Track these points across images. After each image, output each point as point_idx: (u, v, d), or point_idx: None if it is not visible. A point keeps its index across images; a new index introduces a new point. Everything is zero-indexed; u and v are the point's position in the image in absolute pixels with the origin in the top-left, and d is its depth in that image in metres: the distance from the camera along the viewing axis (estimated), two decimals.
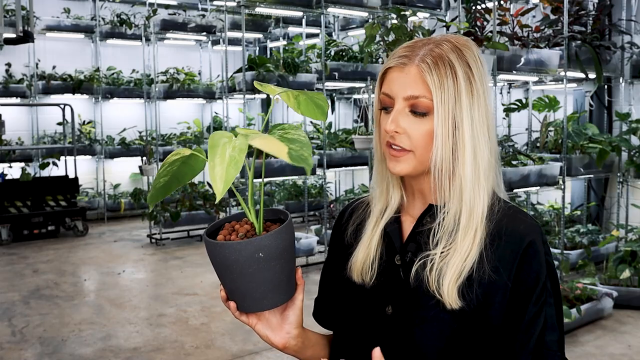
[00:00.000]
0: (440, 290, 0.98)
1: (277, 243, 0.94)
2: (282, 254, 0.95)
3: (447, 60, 0.99)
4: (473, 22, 4.62)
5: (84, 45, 9.58)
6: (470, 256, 0.99)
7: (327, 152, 6.60)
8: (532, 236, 1.00)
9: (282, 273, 0.97)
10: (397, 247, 1.07)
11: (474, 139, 1.00)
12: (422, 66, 0.99)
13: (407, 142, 1.01)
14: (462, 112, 0.99)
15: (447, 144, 0.99)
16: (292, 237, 0.97)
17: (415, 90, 1.00)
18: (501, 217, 1.02)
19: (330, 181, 8.89)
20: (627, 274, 4.79)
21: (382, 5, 5.78)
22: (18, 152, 8.59)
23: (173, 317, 4.82)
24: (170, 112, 9.71)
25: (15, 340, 4.35)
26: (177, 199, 7.90)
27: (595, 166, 5.29)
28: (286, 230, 0.95)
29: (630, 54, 5.63)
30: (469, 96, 1.00)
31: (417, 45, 1.03)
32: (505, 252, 1.00)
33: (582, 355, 3.97)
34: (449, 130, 0.99)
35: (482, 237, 1.00)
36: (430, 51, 1.00)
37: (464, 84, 0.99)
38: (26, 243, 7.59)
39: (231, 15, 7.64)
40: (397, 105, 1.01)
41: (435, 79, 0.98)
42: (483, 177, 1.02)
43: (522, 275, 0.99)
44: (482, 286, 0.98)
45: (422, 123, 1.00)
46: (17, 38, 5.93)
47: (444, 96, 0.98)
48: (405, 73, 1.01)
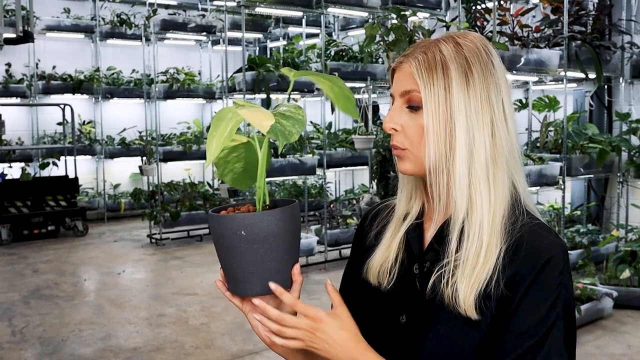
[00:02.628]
0: (456, 301, 0.94)
1: (262, 225, 0.92)
2: (266, 238, 0.93)
3: (438, 54, 0.97)
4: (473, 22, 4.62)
5: (84, 45, 9.58)
6: (485, 268, 0.94)
7: (327, 152, 6.60)
8: (552, 252, 0.94)
9: (267, 260, 0.94)
10: (416, 255, 1.04)
11: (468, 133, 0.95)
12: (412, 62, 0.99)
13: (402, 139, 1.00)
14: (453, 105, 0.96)
15: (440, 138, 0.96)
16: (284, 225, 0.95)
17: (407, 85, 0.99)
18: (523, 232, 0.95)
19: (330, 181, 8.89)
20: (627, 274, 4.79)
21: (382, 5, 5.79)
22: (18, 152, 8.59)
23: (173, 317, 4.82)
24: (170, 112, 9.71)
25: (15, 340, 4.35)
26: (177, 199, 7.90)
27: (595, 166, 5.29)
28: (274, 215, 0.94)
29: (630, 54, 5.63)
30: (463, 89, 0.96)
31: (419, 44, 1.02)
32: (522, 268, 0.94)
33: (582, 355, 3.97)
34: (439, 124, 0.96)
35: (500, 250, 0.95)
36: (426, 47, 0.99)
37: (457, 76, 0.96)
38: (26, 243, 7.59)
39: (231, 15, 7.64)
40: (395, 103, 1.01)
41: (423, 71, 0.97)
42: (483, 177, 0.96)
43: (534, 287, 0.93)
44: (497, 301, 0.94)
45: (416, 118, 0.98)
46: (17, 38, 5.93)
47: (433, 88, 0.96)
48: (402, 71, 1.01)
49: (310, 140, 7.14)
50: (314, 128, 7.69)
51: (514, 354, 0.92)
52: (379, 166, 4.86)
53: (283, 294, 0.96)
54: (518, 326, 0.92)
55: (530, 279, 0.93)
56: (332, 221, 6.72)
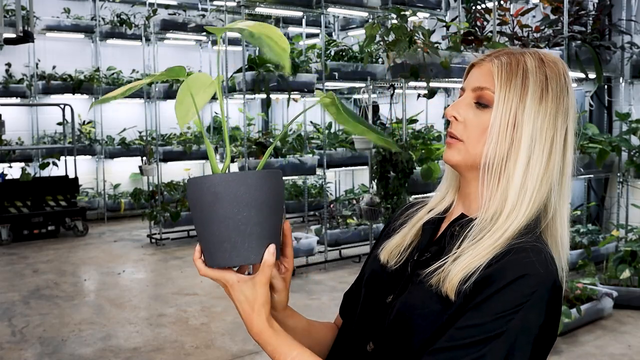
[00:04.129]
0: (442, 282, 0.95)
1: (231, 187, 0.89)
2: (235, 200, 0.89)
3: (522, 63, 1.00)
4: (473, 22, 4.62)
5: (84, 45, 9.58)
6: (483, 256, 0.94)
7: (327, 152, 6.60)
8: (534, 272, 0.90)
9: (240, 225, 0.90)
10: (422, 245, 1.07)
11: (531, 145, 0.98)
12: (495, 62, 1.01)
13: (461, 130, 1.02)
14: (524, 114, 0.98)
15: (503, 140, 0.98)
16: (257, 191, 0.91)
17: (483, 82, 1.01)
18: (522, 244, 0.94)
19: (330, 181, 8.89)
20: (627, 274, 4.79)
21: (382, 5, 5.78)
22: (18, 152, 8.59)
23: (173, 317, 4.82)
24: (170, 112, 9.64)
25: (15, 340, 4.35)
26: (177, 199, 7.90)
27: (595, 166, 5.29)
28: (247, 176, 0.90)
29: (630, 54, 5.63)
30: (535, 102, 0.98)
31: (504, 49, 1.05)
32: (495, 274, 0.91)
33: (582, 355, 3.97)
34: (507, 127, 0.98)
35: (500, 247, 0.95)
36: (512, 53, 1.02)
37: (534, 89, 0.99)
38: (26, 243, 7.59)
39: (231, 15, 7.63)
40: (464, 95, 1.04)
41: (503, 74, 0.99)
42: (531, 189, 0.98)
43: (496, 295, 0.90)
44: (464, 296, 0.93)
45: (482, 115, 1.01)
46: (17, 38, 5.93)
47: (508, 93, 0.99)
48: (481, 68, 1.03)
49: (310, 140, 7.15)
50: (314, 128, 7.69)
51: (448, 344, 0.91)
52: (379, 166, 4.86)
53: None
54: (463, 322, 0.91)
55: (495, 287, 0.90)
56: (332, 221, 6.73)
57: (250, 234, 0.92)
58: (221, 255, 0.93)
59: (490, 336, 0.88)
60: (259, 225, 0.92)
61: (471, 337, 0.89)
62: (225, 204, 0.90)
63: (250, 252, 0.93)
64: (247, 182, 0.90)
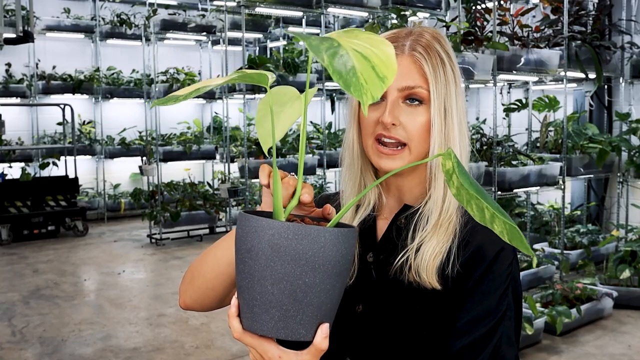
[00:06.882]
0: (420, 277, 0.95)
1: (299, 243, 0.73)
2: (301, 260, 0.74)
3: (434, 50, 0.99)
4: (473, 22, 4.62)
5: (84, 45, 9.58)
6: (445, 242, 0.97)
7: (327, 152, 6.60)
8: (503, 244, 0.96)
9: (299, 292, 0.74)
10: (371, 246, 1.04)
11: (460, 127, 1.00)
12: (416, 55, 0.98)
13: (403, 134, 0.98)
14: (451, 100, 0.99)
15: (442, 133, 0.98)
16: (330, 253, 0.75)
17: (411, 81, 0.98)
18: (476, 224, 0.89)
19: (330, 181, 8.89)
20: (627, 274, 4.79)
21: (382, 5, 5.78)
22: (18, 152, 8.58)
23: (173, 317, 4.82)
24: (170, 112, 9.71)
25: (15, 340, 4.35)
26: (177, 199, 7.90)
27: (595, 166, 5.29)
28: (323, 233, 0.74)
29: (630, 54, 5.63)
30: (454, 85, 1.00)
31: (399, 36, 1.01)
32: (476, 255, 0.96)
33: (582, 355, 3.97)
34: (443, 117, 0.98)
35: (456, 231, 0.98)
36: (417, 41, 1.00)
37: (451, 73, 0.99)
38: (26, 243, 7.59)
39: (231, 15, 7.64)
40: (390, 97, 0.98)
41: (430, 68, 0.97)
42: (465, 160, 1.01)
43: (487, 276, 0.96)
44: (452, 280, 0.96)
45: (417, 114, 0.98)
46: (17, 38, 5.93)
47: (439, 86, 0.98)
48: (400, 65, 0.98)
49: (310, 140, 7.15)
50: (314, 128, 7.69)
51: (466, 340, 0.93)
52: None
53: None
54: (469, 313, 0.94)
55: (483, 267, 0.95)
56: None
57: (308, 305, 0.75)
58: (266, 322, 0.76)
59: (499, 317, 0.94)
60: (321, 295, 0.75)
61: (484, 326, 0.93)
62: (285, 263, 0.73)
63: (301, 327, 0.76)
64: (321, 240, 0.74)
